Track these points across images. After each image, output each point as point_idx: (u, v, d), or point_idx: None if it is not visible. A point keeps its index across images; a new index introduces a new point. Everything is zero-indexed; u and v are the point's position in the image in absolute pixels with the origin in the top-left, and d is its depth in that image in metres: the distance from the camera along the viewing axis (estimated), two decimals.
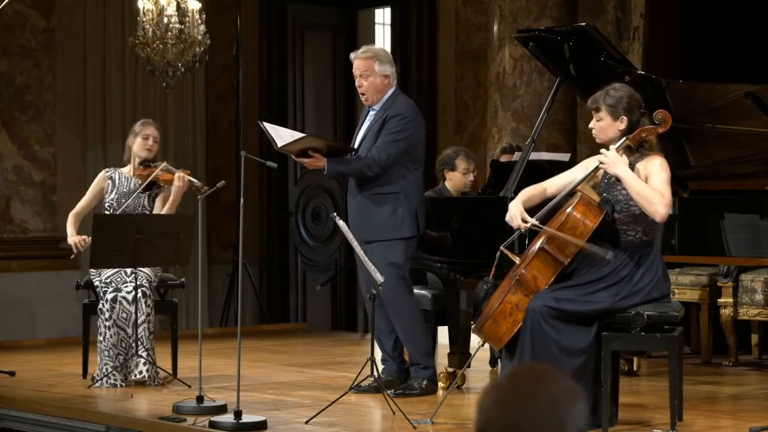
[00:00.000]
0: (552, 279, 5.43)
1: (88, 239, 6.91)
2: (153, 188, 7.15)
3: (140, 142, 7.16)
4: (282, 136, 6.47)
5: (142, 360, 6.74)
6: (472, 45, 10.72)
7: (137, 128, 7.22)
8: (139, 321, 6.76)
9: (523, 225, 5.53)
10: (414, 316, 6.56)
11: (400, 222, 6.48)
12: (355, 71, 6.62)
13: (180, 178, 7.02)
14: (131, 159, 7.19)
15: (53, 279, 10.21)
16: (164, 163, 7.12)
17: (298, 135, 6.52)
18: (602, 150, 5.45)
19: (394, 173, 6.48)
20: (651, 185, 5.35)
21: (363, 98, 6.65)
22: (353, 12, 12.05)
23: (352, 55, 6.71)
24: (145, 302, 6.79)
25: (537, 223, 5.52)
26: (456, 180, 7.43)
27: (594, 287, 5.40)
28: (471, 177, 7.46)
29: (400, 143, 6.47)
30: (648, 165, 5.41)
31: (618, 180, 5.42)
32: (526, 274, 5.43)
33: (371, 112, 6.64)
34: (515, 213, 5.56)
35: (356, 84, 6.64)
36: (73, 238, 7.05)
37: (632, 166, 5.43)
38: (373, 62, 6.58)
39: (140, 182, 7.13)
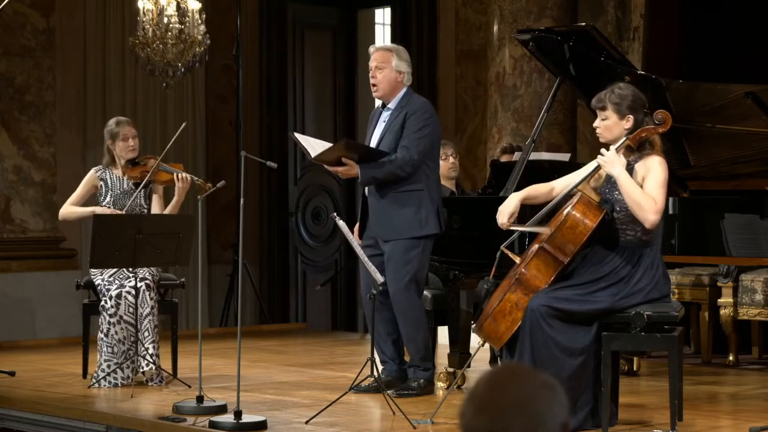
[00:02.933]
0: (552, 278, 5.44)
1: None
2: (148, 185, 7.18)
3: (122, 145, 7.16)
4: (314, 146, 6.47)
5: (149, 352, 6.76)
6: (472, 45, 10.72)
7: (114, 129, 7.18)
8: (144, 313, 6.77)
9: (504, 224, 5.58)
10: (420, 320, 6.57)
11: (425, 219, 6.47)
12: (372, 63, 6.61)
13: (182, 179, 7.03)
14: (117, 160, 7.19)
15: (53, 279, 10.21)
16: (156, 160, 7.12)
17: (328, 144, 6.52)
18: (602, 150, 5.46)
19: (418, 171, 6.48)
20: (646, 189, 5.36)
21: (374, 90, 6.61)
22: (353, 12, 12.05)
23: (371, 48, 6.70)
24: (149, 294, 6.81)
25: (519, 228, 5.57)
26: (442, 170, 7.50)
27: (593, 287, 5.40)
28: (452, 159, 7.67)
29: (426, 139, 6.48)
30: (646, 164, 5.42)
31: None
32: (526, 273, 5.44)
33: (385, 113, 6.63)
34: (505, 210, 5.60)
35: (370, 75, 6.61)
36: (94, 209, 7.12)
37: (631, 167, 5.43)
38: (392, 56, 6.58)
39: (133, 183, 7.15)
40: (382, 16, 12.41)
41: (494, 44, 9.25)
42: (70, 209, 7.30)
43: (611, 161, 5.39)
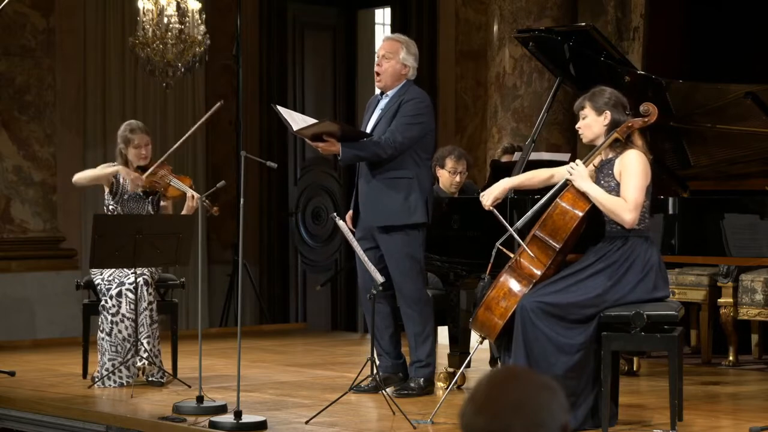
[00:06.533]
0: (547, 265, 5.47)
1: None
2: (156, 193, 7.18)
3: (134, 152, 7.15)
4: (296, 120, 6.49)
5: (144, 347, 6.76)
6: (472, 45, 10.71)
7: (128, 136, 7.17)
8: (141, 308, 6.78)
9: (486, 205, 5.76)
10: (430, 314, 6.59)
11: (413, 207, 6.48)
12: (380, 51, 6.65)
13: (191, 198, 7.03)
14: (129, 165, 7.19)
15: (53, 279, 10.21)
16: (165, 171, 7.12)
17: (311, 120, 6.53)
18: (571, 163, 5.53)
19: (408, 159, 6.49)
20: (622, 186, 5.45)
21: (377, 79, 6.63)
22: (353, 12, 12.05)
23: (384, 36, 6.74)
24: (147, 290, 6.81)
25: (497, 214, 5.70)
26: (443, 178, 7.44)
27: (584, 274, 5.43)
28: (458, 178, 7.39)
29: (416, 127, 6.49)
30: (624, 158, 5.50)
31: (606, 172, 5.49)
32: (520, 260, 5.49)
33: (383, 100, 6.64)
34: (490, 194, 5.79)
35: (376, 63, 6.64)
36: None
37: (612, 162, 5.51)
38: (401, 47, 6.61)
39: (142, 191, 7.14)
40: (382, 16, 12.41)
41: (494, 44, 9.25)
42: (85, 172, 7.25)
43: (579, 175, 5.49)
